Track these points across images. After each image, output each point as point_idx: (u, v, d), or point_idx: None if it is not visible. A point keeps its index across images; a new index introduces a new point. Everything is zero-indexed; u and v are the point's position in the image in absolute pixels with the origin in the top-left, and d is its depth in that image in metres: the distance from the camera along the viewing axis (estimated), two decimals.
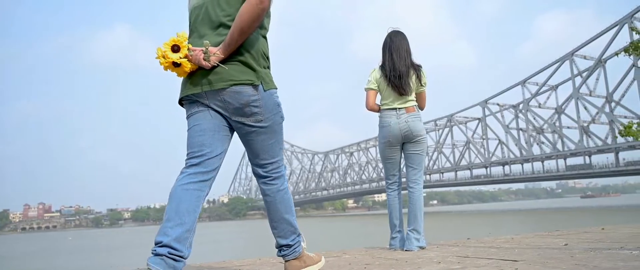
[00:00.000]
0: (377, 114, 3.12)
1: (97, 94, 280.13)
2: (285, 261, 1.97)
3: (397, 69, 2.97)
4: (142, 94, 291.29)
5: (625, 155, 45.36)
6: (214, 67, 1.69)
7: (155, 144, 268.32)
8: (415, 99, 3.06)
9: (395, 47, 3.01)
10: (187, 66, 1.70)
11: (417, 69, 3.02)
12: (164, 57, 1.68)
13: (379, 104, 3.11)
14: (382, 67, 3.05)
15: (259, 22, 1.68)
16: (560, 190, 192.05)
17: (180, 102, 1.85)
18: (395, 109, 3.00)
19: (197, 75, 1.74)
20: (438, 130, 64.67)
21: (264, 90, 1.75)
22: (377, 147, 3.24)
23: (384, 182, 3.19)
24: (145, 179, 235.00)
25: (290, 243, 1.94)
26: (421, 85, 3.04)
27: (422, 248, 2.93)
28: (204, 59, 1.67)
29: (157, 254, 1.59)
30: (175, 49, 1.69)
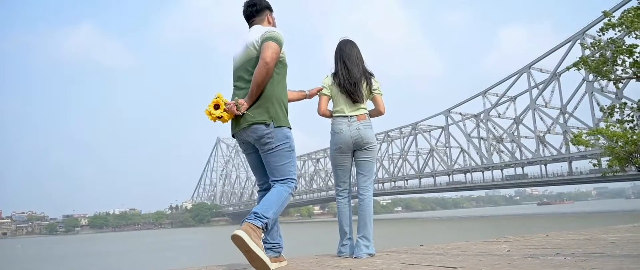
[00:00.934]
0: (330, 121, 3.13)
1: (54, 93, 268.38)
2: (244, 224, 2.31)
3: (353, 76, 3.01)
4: (103, 95, 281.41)
5: (578, 165, 47.70)
6: (244, 113, 2.48)
7: (115, 147, 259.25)
8: (366, 107, 3.09)
9: (346, 55, 3.06)
10: (226, 117, 2.49)
11: (368, 76, 3.06)
12: (210, 114, 2.47)
13: (331, 110, 3.13)
14: (335, 74, 3.07)
15: (268, 78, 2.45)
16: (518, 198, 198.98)
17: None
18: (347, 116, 3.03)
19: (234, 120, 2.55)
20: (403, 138, 65.82)
21: (275, 127, 2.48)
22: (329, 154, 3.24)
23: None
24: (105, 183, 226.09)
25: (259, 214, 2.34)
26: (371, 92, 3.08)
27: (371, 255, 2.93)
28: (237, 110, 2.45)
29: (245, 219, 2.34)
30: (216, 107, 2.48)
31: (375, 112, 3.15)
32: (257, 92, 2.44)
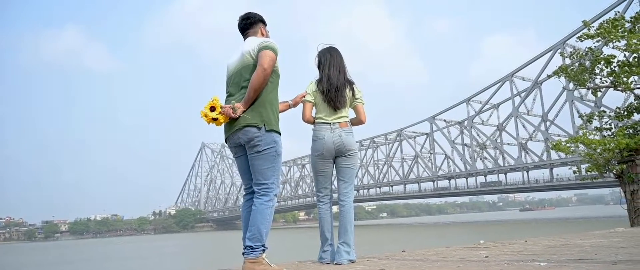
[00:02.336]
0: (311, 127, 3.15)
1: (34, 97, 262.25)
2: (244, 260, 2.53)
3: (334, 83, 3.04)
4: (85, 99, 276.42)
5: (559, 171, 48.57)
6: (239, 116, 2.61)
7: (97, 152, 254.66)
8: (348, 115, 3.13)
9: (335, 63, 3.10)
10: (222, 119, 2.59)
11: (351, 84, 3.10)
12: (205, 115, 2.57)
13: (314, 116, 3.14)
14: (319, 81, 3.09)
15: (265, 83, 2.59)
16: (501, 204, 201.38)
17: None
18: (330, 123, 3.05)
19: (228, 124, 2.66)
20: (388, 144, 66.18)
21: (266, 130, 2.61)
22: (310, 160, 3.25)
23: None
24: (86, 189, 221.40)
25: (253, 246, 2.52)
26: (355, 98, 3.11)
27: (352, 261, 2.95)
28: (233, 112, 2.56)
29: (243, 253, 2.57)
30: (212, 109, 2.58)
31: (356, 121, 3.19)
32: (254, 96, 2.58)
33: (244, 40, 2.84)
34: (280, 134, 2.72)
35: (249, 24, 2.85)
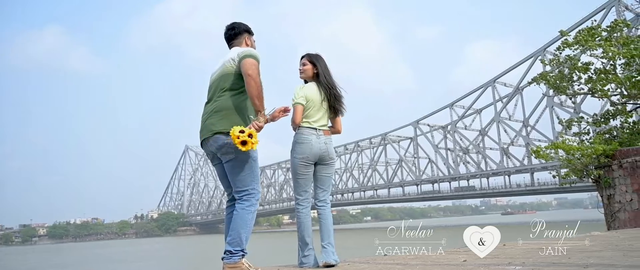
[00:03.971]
0: (295, 130, 3.16)
1: (13, 98, 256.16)
2: (223, 265, 2.54)
3: (339, 91, 3.12)
4: (65, 101, 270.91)
5: (539, 176, 49.47)
6: (206, 123, 2.68)
7: (79, 154, 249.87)
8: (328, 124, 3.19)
9: (328, 69, 3.16)
10: (255, 138, 2.51)
11: None
12: (237, 137, 2.50)
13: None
14: (325, 87, 3.10)
15: (259, 88, 2.58)
16: (483, 207, 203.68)
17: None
18: (316, 128, 3.07)
19: (200, 131, 2.72)
20: (373, 148, 66.51)
21: None
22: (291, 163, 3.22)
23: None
24: (66, 192, 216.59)
25: (232, 251, 2.53)
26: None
27: (336, 262, 2.98)
28: (258, 122, 2.55)
29: (222, 258, 2.57)
30: (242, 132, 2.52)
31: (335, 131, 3.25)
32: (260, 103, 2.58)
33: (229, 49, 2.88)
34: None
35: (234, 34, 2.90)
